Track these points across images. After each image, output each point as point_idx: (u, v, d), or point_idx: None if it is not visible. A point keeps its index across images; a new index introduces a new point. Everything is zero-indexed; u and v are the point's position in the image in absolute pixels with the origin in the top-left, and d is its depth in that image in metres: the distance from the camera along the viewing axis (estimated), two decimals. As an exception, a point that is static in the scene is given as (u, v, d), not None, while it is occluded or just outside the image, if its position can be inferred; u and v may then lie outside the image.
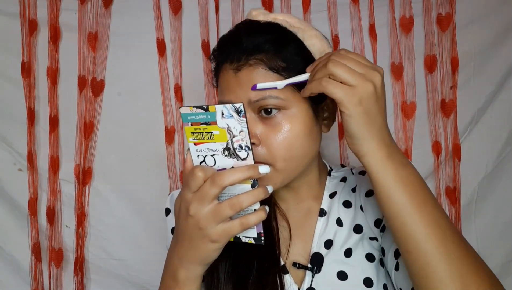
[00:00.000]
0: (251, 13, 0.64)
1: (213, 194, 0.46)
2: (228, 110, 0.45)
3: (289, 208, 0.70)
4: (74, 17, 1.05)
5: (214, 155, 0.49)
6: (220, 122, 0.46)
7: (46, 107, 1.06)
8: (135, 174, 1.07)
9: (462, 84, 1.06)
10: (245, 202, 0.47)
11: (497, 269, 1.05)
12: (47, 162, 1.06)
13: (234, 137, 0.47)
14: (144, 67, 1.06)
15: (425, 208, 0.49)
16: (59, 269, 1.07)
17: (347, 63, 0.48)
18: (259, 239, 0.51)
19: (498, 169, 1.07)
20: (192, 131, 0.48)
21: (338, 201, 0.68)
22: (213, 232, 0.48)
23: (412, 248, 0.49)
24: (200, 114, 0.47)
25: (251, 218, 0.48)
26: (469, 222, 1.06)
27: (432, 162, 1.06)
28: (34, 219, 1.05)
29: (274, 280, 0.61)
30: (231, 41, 0.62)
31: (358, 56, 0.50)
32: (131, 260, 1.07)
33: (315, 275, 0.62)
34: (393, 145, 0.51)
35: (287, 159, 0.58)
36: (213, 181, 0.46)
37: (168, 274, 0.55)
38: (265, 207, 0.49)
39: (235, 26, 0.66)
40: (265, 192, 0.48)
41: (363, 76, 0.47)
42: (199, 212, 0.47)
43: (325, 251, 0.64)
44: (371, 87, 0.47)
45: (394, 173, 0.49)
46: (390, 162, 0.49)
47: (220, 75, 0.62)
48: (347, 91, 0.47)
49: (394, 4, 1.06)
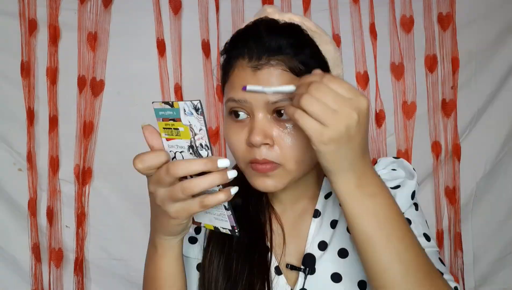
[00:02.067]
0: (266, 10, 0.63)
1: (167, 181, 0.46)
2: (188, 107, 0.45)
3: (285, 208, 0.69)
4: (73, 16, 1.05)
5: (182, 152, 0.48)
6: (183, 119, 0.46)
7: (46, 107, 1.06)
8: (135, 174, 1.05)
9: (463, 84, 1.06)
10: (197, 186, 0.45)
11: (491, 265, 1.09)
12: (47, 162, 1.06)
13: (196, 135, 0.46)
14: (144, 67, 1.06)
15: (388, 241, 0.49)
16: (59, 269, 1.07)
17: (324, 98, 0.45)
18: (234, 232, 0.51)
19: (496, 169, 1.08)
20: (163, 127, 0.48)
21: (333, 201, 0.68)
22: (171, 209, 0.48)
23: (372, 276, 0.51)
24: (168, 110, 0.47)
25: (210, 198, 0.46)
26: (466, 221, 1.08)
27: (431, 162, 1.06)
28: (34, 219, 1.05)
29: (262, 283, 0.62)
30: (251, 38, 0.59)
31: (341, 85, 0.46)
32: (131, 260, 1.07)
33: (308, 277, 0.62)
34: (365, 175, 0.50)
35: (299, 160, 0.58)
36: (168, 170, 0.45)
37: (149, 242, 0.59)
38: (230, 189, 0.47)
39: (253, 22, 0.62)
40: (222, 177, 0.45)
41: (337, 115, 0.45)
42: (155, 191, 0.48)
43: (319, 252, 0.64)
44: (343, 128, 0.45)
45: (361, 204, 0.49)
46: (358, 193, 0.49)
47: (233, 71, 0.59)
48: (317, 129, 0.45)
49: (394, 4, 1.06)
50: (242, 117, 0.58)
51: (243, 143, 0.58)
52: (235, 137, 0.59)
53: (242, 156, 0.59)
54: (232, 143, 0.60)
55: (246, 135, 0.58)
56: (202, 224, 0.55)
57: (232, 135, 0.59)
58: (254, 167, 0.58)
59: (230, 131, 0.60)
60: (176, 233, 0.54)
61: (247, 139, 0.57)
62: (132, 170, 1.15)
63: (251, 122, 0.57)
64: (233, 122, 0.59)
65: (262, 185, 0.59)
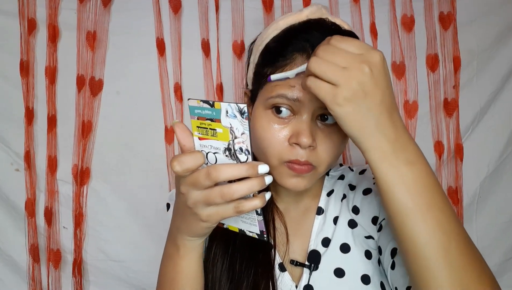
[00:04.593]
0: (321, 9, 0.63)
1: (205, 185, 0.45)
2: (232, 109, 0.43)
3: (288, 207, 0.70)
4: (73, 16, 1.05)
5: (216, 153, 0.47)
6: (224, 121, 0.44)
7: (44, 107, 1.05)
8: (134, 175, 1.06)
9: (464, 83, 1.05)
10: (237, 193, 0.44)
11: (496, 267, 1.07)
12: (45, 162, 1.05)
13: (236, 139, 0.45)
14: (143, 67, 1.05)
15: (428, 211, 0.46)
16: (58, 270, 1.06)
17: (332, 58, 0.44)
18: (262, 236, 0.50)
19: (500, 169, 1.07)
20: (197, 125, 0.47)
21: (335, 199, 0.69)
22: (202, 213, 0.46)
23: (411, 250, 0.47)
24: (206, 109, 0.45)
25: (246, 204, 0.45)
26: (471, 221, 1.07)
27: (434, 162, 1.05)
28: (31, 220, 1.04)
29: (267, 281, 0.61)
30: (316, 36, 0.56)
31: (350, 43, 0.45)
32: (130, 261, 1.06)
33: (313, 273, 0.62)
34: (400, 140, 0.47)
35: (330, 164, 0.59)
36: (209, 174, 0.44)
37: (170, 241, 0.57)
38: (265, 195, 0.46)
39: (315, 20, 0.61)
40: (261, 182, 0.44)
41: (347, 72, 0.43)
42: (189, 192, 0.46)
43: (323, 249, 0.64)
44: (355, 84, 0.43)
45: (396, 171, 0.46)
46: (394, 159, 0.46)
47: (292, 67, 0.56)
48: (329, 91, 0.44)
49: (395, 3, 1.05)
50: (284, 114, 0.57)
51: (283, 141, 0.56)
52: (274, 134, 0.57)
53: (279, 153, 0.57)
54: (269, 139, 0.57)
55: (288, 133, 0.56)
56: (225, 226, 0.54)
57: (271, 131, 0.57)
58: (291, 167, 0.57)
59: (268, 126, 0.57)
60: (202, 235, 0.53)
61: (292, 138, 0.56)
62: (131, 171, 1.15)
63: (297, 122, 0.56)
64: (274, 117, 0.57)
65: (293, 184, 0.58)
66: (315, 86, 0.45)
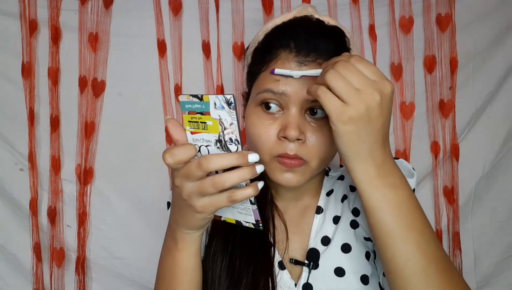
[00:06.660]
0: (307, 8, 0.64)
1: (197, 175, 0.46)
2: (220, 101, 0.44)
3: (288, 205, 0.71)
4: (74, 17, 1.05)
5: (208, 146, 0.48)
6: (213, 113, 0.46)
7: (47, 107, 1.06)
8: (136, 174, 1.08)
9: (461, 84, 1.06)
10: (228, 181, 0.45)
11: (491, 267, 1.08)
12: (48, 162, 1.06)
13: (225, 130, 0.46)
14: (144, 68, 1.06)
15: (409, 233, 0.48)
16: (61, 268, 1.08)
17: (349, 76, 0.45)
18: (258, 225, 0.51)
19: (495, 169, 1.08)
20: (189, 120, 0.48)
21: (335, 199, 0.70)
22: (197, 204, 0.48)
23: (392, 270, 0.49)
24: (196, 103, 0.46)
25: (238, 193, 0.46)
26: (466, 221, 1.08)
27: (430, 162, 1.07)
28: (35, 219, 1.06)
29: (266, 279, 0.62)
30: (301, 33, 0.59)
31: (367, 67, 0.46)
32: (133, 259, 1.08)
33: (312, 271, 0.63)
34: (386, 165, 0.49)
35: (322, 159, 0.59)
36: (200, 164, 0.45)
37: (168, 235, 0.58)
38: (257, 184, 0.47)
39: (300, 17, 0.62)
40: (252, 171, 0.45)
41: (360, 94, 0.45)
42: (183, 184, 0.47)
43: (322, 247, 0.65)
44: (364, 108, 0.45)
45: (381, 194, 0.49)
46: (379, 183, 0.48)
47: (276, 62, 0.59)
48: (338, 107, 0.45)
49: (394, 4, 1.06)
50: (273, 110, 0.58)
51: (273, 136, 0.58)
52: (264, 129, 0.58)
53: (269, 149, 0.58)
54: (259, 134, 0.59)
55: (277, 128, 0.58)
56: (222, 218, 0.55)
57: (260, 127, 0.59)
58: (281, 161, 0.58)
59: (258, 122, 0.59)
60: (199, 227, 0.54)
61: (280, 132, 0.57)
62: (133, 170, 1.16)
63: (285, 116, 0.57)
64: (263, 113, 0.59)
65: (285, 180, 0.59)
66: (324, 98, 0.46)
